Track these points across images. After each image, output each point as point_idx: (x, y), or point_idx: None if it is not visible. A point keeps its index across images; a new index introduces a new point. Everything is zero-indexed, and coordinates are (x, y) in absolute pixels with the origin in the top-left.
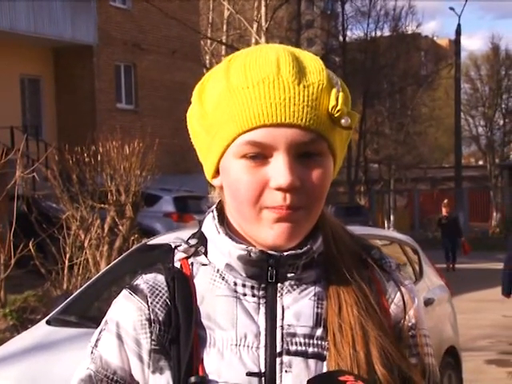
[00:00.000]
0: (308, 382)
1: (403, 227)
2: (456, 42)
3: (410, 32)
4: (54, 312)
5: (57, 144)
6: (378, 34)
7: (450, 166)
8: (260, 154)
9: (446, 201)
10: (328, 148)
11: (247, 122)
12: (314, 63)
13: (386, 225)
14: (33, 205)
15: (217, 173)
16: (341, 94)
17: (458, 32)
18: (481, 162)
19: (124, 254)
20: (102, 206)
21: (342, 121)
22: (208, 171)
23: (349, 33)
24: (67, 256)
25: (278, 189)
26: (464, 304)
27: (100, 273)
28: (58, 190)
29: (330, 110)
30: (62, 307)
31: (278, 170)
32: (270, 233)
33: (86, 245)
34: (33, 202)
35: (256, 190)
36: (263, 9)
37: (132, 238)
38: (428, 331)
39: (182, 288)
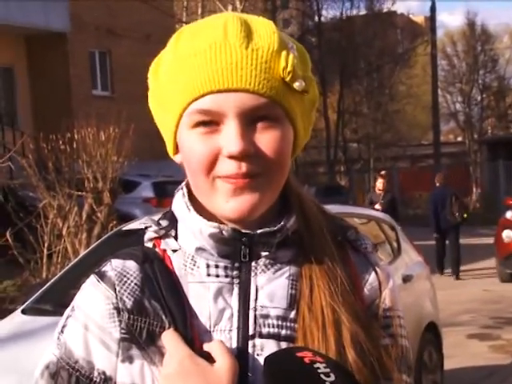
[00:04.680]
0: (265, 358)
1: None
2: (431, 19)
3: (385, 10)
4: (29, 301)
5: (32, 132)
6: (354, 12)
7: (429, 143)
8: (211, 122)
9: (383, 172)
10: (284, 114)
11: (195, 90)
12: (264, 27)
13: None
14: (9, 194)
15: (177, 149)
16: (291, 56)
17: (433, 9)
18: (460, 139)
19: (100, 240)
20: (80, 193)
21: (296, 84)
22: (169, 147)
23: (324, 12)
24: (45, 245)
25: (231, 157)
26: (444, 279)
27: (76, 260)
28: (34, 178)
29: (281, 73)
30: (38, 296)
31: (229, 137)
32: (226, 206)
33: (64, 233)
34: (9, 192)
35: (208, 159)
36: None
37: (111, 224)
38: (402, 313)
39: (161, 267)
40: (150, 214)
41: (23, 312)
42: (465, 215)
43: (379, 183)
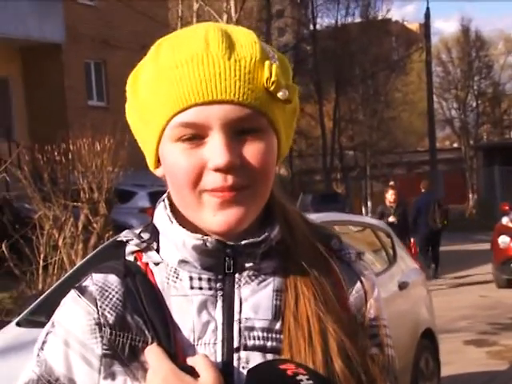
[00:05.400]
0: (248, 371)
1: None
2: (426, 26)
3: (380, 18)
4: (24, 313)
5: (28, 143)
6: (349, 20)
7: (425, 149)
8: (196, 135)
9: (392, 183)
10: (268, 124)
11: (178, 102)
12: (245, 37)
13: (363, 211)
14: (5, 206)
15: (159, 162)
16: (275, 66)
17: (427, 16)
18: (455, 145)
19: (95, 251)
20: (75, 204)
21: (280, 93)
22: (150, 161)
23: (319, 21)
24: (41, 256)
25: (217, 169)
26: (442, 286)
27: (70, 271)
28: (29, 189)
29: (265, 83)
30: (32, 308)
31: (215, 149)
32: (213, 220)
33: (60, 244)
34: (5, 203)
35: (193, 173)
36: (232, 0)
37: (107, 235)
38: (387, 322)
39: (143, 281)
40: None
41: (18, 324)
42: (445, 222)
43: (390, 195)
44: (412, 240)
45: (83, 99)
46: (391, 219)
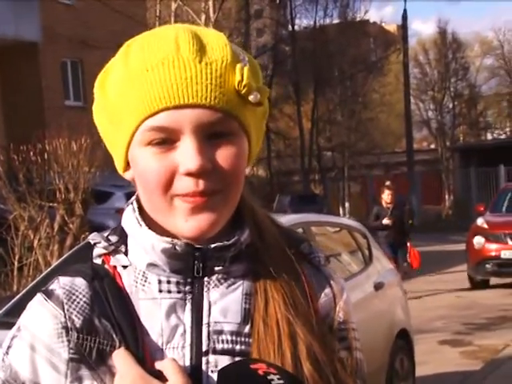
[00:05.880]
0: (219, 371)
1: (358, 214)
2: (403, 27)
3: (358, 19)
4: None
5: (3, 143)
6: (328, 21)
7: (403, 150)
8: (167, 139)
9: (388, 183)
10: (240, 127)
11: (149, 106)
12: (216, 40)
13: (341, 212)
14: None
15: (128, 165)
16: (246, 69)
17: (405, 17)
18: (433, 146)
19: (70, 252)
20: (51, 204)
21: (251, 97)
22: (118, 164)
23: (298, 21)
24: (16, 257)
25: (188, 174)
26: (418, 286)
27: (45, 272)
28: (4, 190)
29: (236, 86)
30: (7, 309)
31: (186, 153)
32: (184, 225)
33: (35, 245)
34: None
35: (164, 178)
36: (211, 0)
37: (83, 235)
38: (356, 325)
39: (110, 284)
40: None
41: None
42: (410, 221)
43: (387, 195)
44: (409, 244)
45: (60, 99)
46: (386, 221)
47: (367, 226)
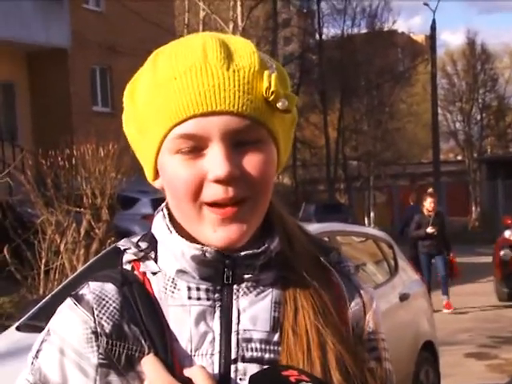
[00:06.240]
0: (250, 377)
1: (383, 223)
2: (431, 38)
3: (386, 29)
4: (24, 318)
5: (32, 148)
6: (355, 31)
7: (429, 161)
8: (195, 147)
9: (431, 190)
10: (268, 134)
11: (177, 114)
12: (243, 47)
13: (366, 222)
14: (8, 210)
15: (157, 174)
16: (274, 76)
17: (433, 27)
18: (459, 157)
19: (96, 257)
20: (78, 209)
21: (279, 104)
22: (148, 173)
23: (325, 30)
24: (43, 261)
25: (217, 181)
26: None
27: (71, 276)
28: (32, 194)
29: (264, 93)
30: (33, 313)
31: (215, 160)
32: (213, 235)
33: (61, 249)
34: (7, 208)
35: (193, 185)
36: (239, 8)
37: (109, 241)
38: (385, 335)
39: (140, 290)
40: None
41: (18, 329)
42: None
43: (429, 203)
44: (451, 254)
45: (88, 105)
46: (430, 230)
47: (409, 235)
